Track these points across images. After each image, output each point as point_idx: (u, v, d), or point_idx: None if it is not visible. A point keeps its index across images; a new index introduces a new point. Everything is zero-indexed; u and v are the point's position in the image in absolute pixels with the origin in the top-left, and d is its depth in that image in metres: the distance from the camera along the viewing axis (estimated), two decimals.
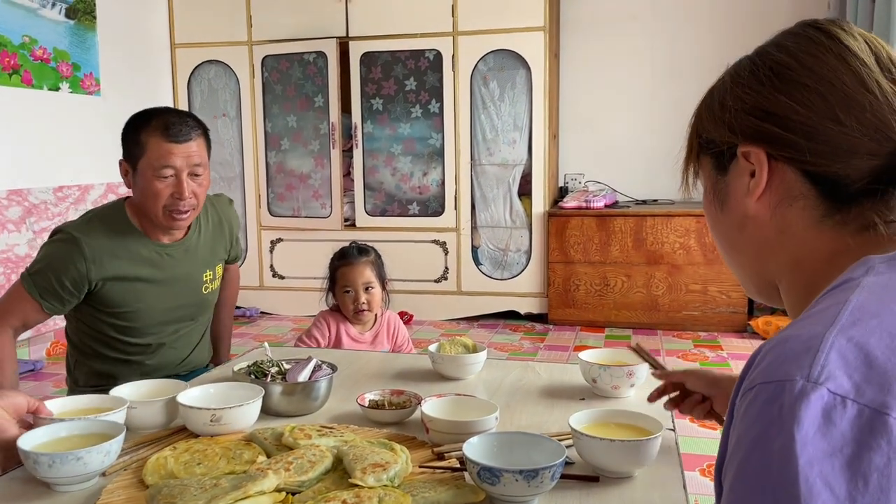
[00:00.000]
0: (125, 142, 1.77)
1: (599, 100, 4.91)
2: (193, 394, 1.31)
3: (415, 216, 4.67)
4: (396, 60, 4.55)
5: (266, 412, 1.34)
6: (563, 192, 4.91)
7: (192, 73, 4.88)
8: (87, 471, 1.06)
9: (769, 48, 0.71)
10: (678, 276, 4.28)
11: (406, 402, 1.36)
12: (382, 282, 2.27)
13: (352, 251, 2.28)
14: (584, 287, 4.41)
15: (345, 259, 2.25)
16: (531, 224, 4.52)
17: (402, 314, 4.32)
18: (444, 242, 4.62)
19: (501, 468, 0.95)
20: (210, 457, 1.12)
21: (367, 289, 2.21)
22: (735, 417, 0.56)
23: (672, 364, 3.61)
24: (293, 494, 1.01)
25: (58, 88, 4.00)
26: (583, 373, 1.49)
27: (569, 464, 1.09)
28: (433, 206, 4.65)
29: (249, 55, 4.75)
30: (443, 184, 4.59)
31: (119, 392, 1.33)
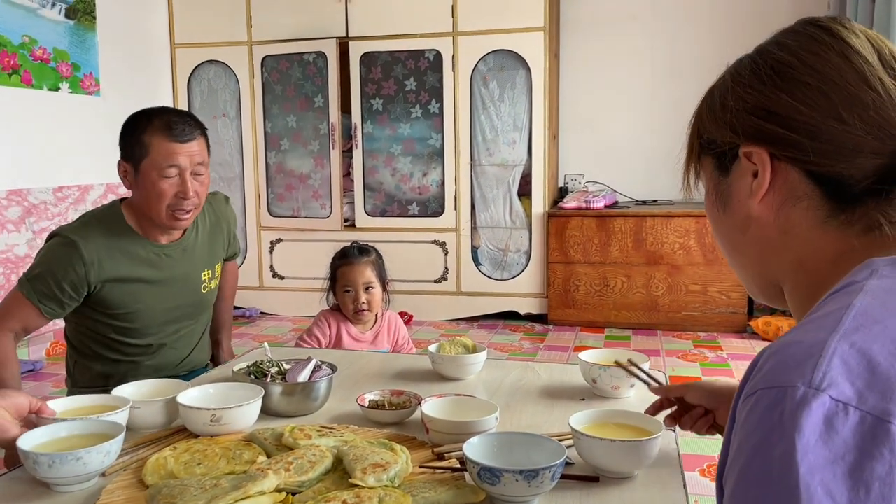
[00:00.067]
0: (125, 143, 1.77)
1: (599, 100, 4.91)
2: (193, 394, 1.32)
3: (414, 216, 4.67)
4: (396, 61, 4.55)
5: (266, 412, 1.34)
6: (563, 193, 4.91)
7: (192, 74, 4.88)
8: (87, 471, 1.06)
9: (770, 47, 0.70)
10: (678, 277, 4.28)
11: (406, 403, 1.36)
12: (383, 282, 2.27)
13: (353, 251, 2.28)
14: (584, 287, 4.41)
15: (346, 259, 2.26)
16: (531, 224, 4.52)
17: (402, 314, 4.31)
18: (444, 243, 4.62)
19: (502, 468, 0.95)
20: (210, 457, 1.12)
21: (368, 289, 2.21)
22: (736, 423, 0.55)
23: (672, 364, 3.62)
24: (293, 494, 1.01)
25: (58, 88, 4.00)
26: (583, 373, 1.49)
27: (569, 464, 1.09)
28: (433, 207, 4.65)
29: (249, 55, 4.75)
30: (442, 184, 4.59)
31: (121, 392, 1.33)
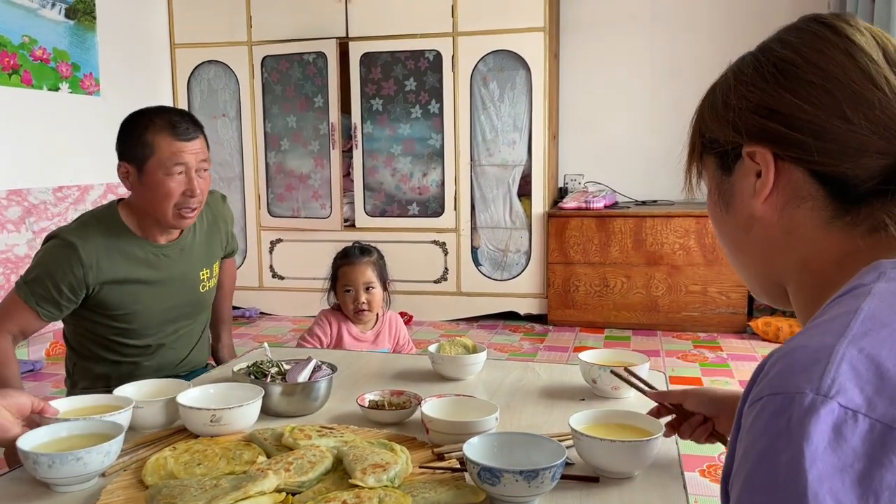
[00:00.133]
0: (126, 144, 1.76)
1: (599, 100, 4.91)
2: (193, 394, 1.31)
3: (414, 217, 4.67)
4: (396, 61, 4.55)
5: (266, 412, 1.34)
6: (563, 193, 4.91)
7: (192, 74, 4.88)
8: (87, 471, 1.06)
9: (773, 44, 0.69)
10: (678, 277, 4.28)
11: (406, 403, 1.36)
12: (384, 282, 2.27)
13: (354, 251, 2.29)
14: (584, 288, 4.41)
15: (347, 258, 2.26)
16: (531, 225, 4.52)
17: (402, 315, 4.31)
18: (444, 243, 4.62)
19: (502, 469, 0.95)
20: (210, 457, 1.12)
21: (368, 289, 2.21)
22: (742, 428, 0.55)
23: (672, 364, 3.61)
24: (293, 495, 1.01)
25: (57, 88, 4.00)
26: (583, 373, 1.49)
27: (569, 464, 1.09)
28: (433, 207, 4.65)
29: (249, 55, 4.75)
30: (442, 184, 4.59)
31: (122, 392, 1.33)
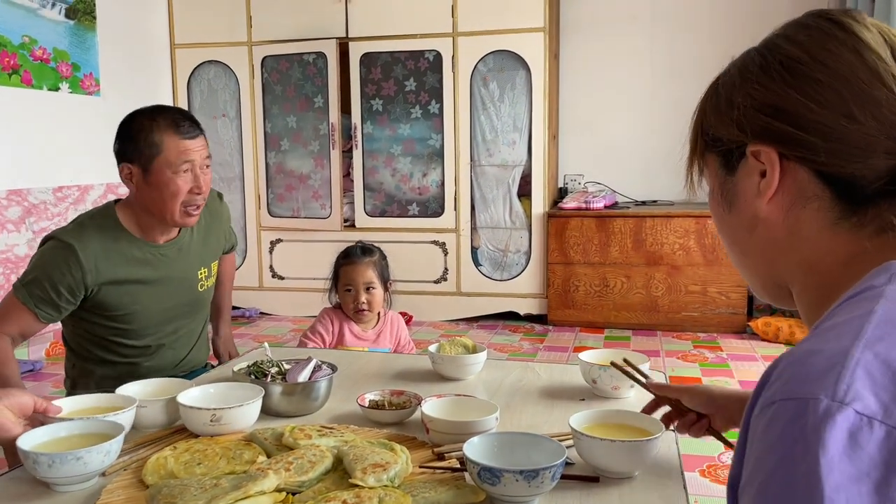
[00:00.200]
0: (129, 145, 1.76)
1: (599, 100, 4.91)
2: (193, 394, 1.31)
3: (414, 217, 4.67)
4: (396, 61, 4.55)
5: (266, 412, 1.34)
6: (563, 193, 4.91)
7: (192, 74, 4.88)
8: (87, 471, 1.06)
9: (779, 41, 0.67)
10: (678, 277, 4.28)
11: (406, 403, 1.36)
12: (385, 283, 2.27)
13: (355, 251, 2.29)
14: (584, 288, 4.41)
15: (348, 258, 2.27)
16: (531, 225, 4.52)
17: (402, 315, 4.31)
18: (444, 243, 4.62)
19: (502, 468, 0.95)
20: (210, 457, 1.12)
21: (369, 289, 2.21)
22: (751, 435, 0.54)
23: (671, 365, 3.61)
24: (293, 494, 1.01)
25: (57, 88, 4.00)
26: (583, 373, 1.49)
27: (569, 464, 1.09)
28: (433, 207, 4.65)
29: (249, 56, 4.75)
30: (442, 184, 4.59)
31: (125, 391, 1.34)
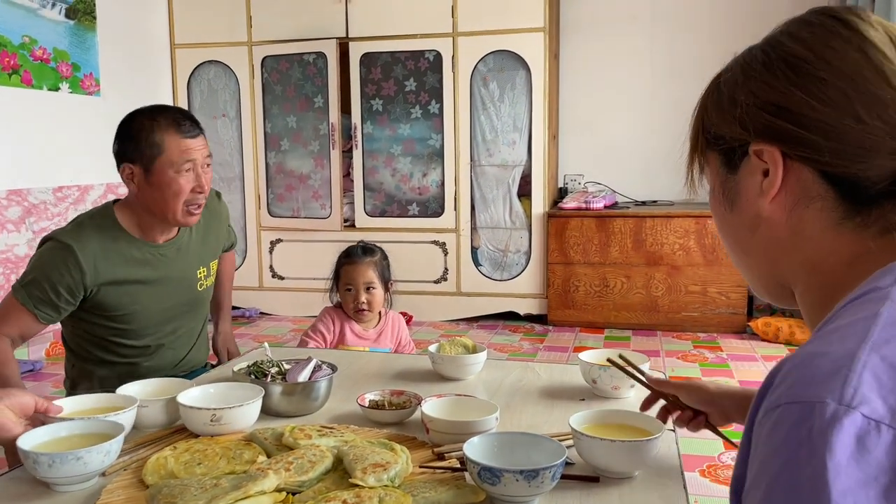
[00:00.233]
0: (130, 145, 1.75)
1: (599, 100, 4.91)
2: (193, 394, 1.31)
3: (414, 217, 4.67)
4: (396, 61, 4.55)
5: (266, 412, 1.34)
6: (563, 193, 4.91)
7: (192, 74, 4.88)
8: (87, 471, 1.06)
9: (782, 38, 0.66)
10: (677, 277, 4.28)
11: (406, 403, 1.36)
12: (386, 283, 2.27)
13: (357, 250, 2.29)
14: (584, 288, 4.41)
15: (350, 258, 2.27)
16: (531, 225, 4.52)
17: (402, 315, 4.31)
18: (444, 243, 4.62)
19: (502, 468, 0.95)
20: (210, 457, 1.12)
21: (369, 289, 2.21)
22: (755, 438, 0.53)
23: (671, 365, 3.61)
24: (293, 494, 1.01)
25: (58, 89, 4.00)
26: (583, 373, 1.49)
27: (569, 464, 1.09)
28: (433, 207, 4.65)
29: (249, 56, 4.75)
30: (442, 185, 4.59)
31: (125, 391, 1.34)
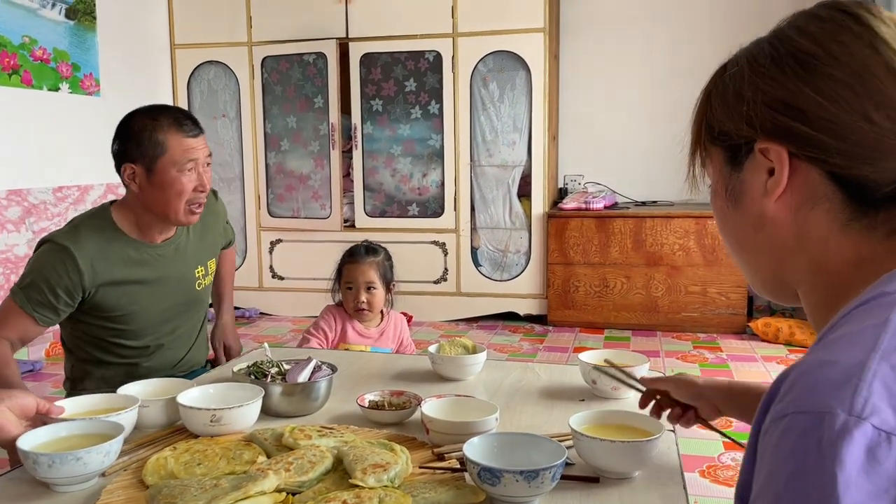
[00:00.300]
0: (131, 145, 1.75)
1: (599, 101, 4.91)
2: (193, 394, 1.32)
3: (414, 217, 4.67)
4: (396, 61, 4.56)
5: (266, 413, 1.34)
6: (563, 194, 4.91)
7: (192, 74, 4.88)
8: (87, 471, 1.06)
9: (790, 32, 0.64)
10: (677, 278, 4.28)
11: (406, 403, 1.36)
12: (387, 283, 2.27)
13: (359, 250, 2.30)
14: (584, 288, 4.41)
15: (352, 257, 2.28)
16: (531, 225, 4.52)
17: (403, 315, 4.31)
18: (444, 243, 4.62)
19: (502, 469, 0.96)
20: (210, 457, 1.12)
21: (369, 288, 2.22)
22: (761, 447, 0.52)
23: (671, 365, 3.62)
24: (293, 495, 1.01)
25: (57, 89, 4.00)
26: (582, 374, 1.49)
27: (569, 464, 1.09)
28: (433, 208, 4.65)
29: (249, 56, 4.75)
30: (442, 185, 4.59)
31: (125, 392, 1.34)
